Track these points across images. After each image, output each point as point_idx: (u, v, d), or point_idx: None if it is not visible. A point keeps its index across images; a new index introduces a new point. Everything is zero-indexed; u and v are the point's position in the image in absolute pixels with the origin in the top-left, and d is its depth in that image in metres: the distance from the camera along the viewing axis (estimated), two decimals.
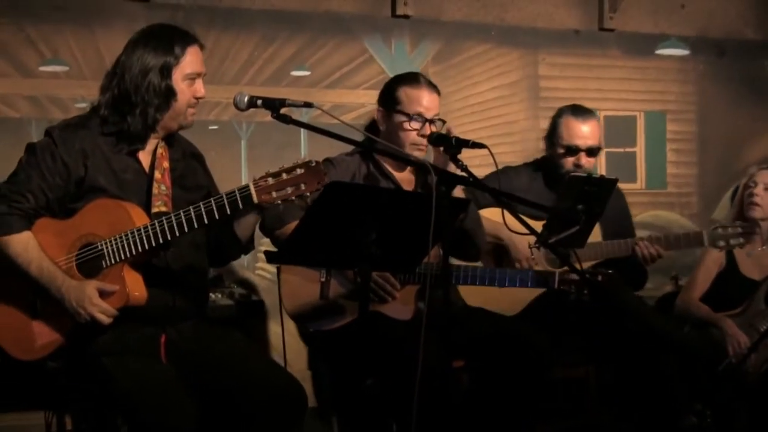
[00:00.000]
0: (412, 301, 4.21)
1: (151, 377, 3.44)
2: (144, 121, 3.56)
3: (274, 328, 5.20)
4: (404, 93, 4.35)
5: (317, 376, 4.45)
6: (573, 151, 4.82)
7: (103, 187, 3.55)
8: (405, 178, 4.38)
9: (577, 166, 4.82)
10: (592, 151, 4.85)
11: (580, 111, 4.90)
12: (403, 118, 4.30)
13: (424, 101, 4.31)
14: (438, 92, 4.39)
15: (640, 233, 5.09)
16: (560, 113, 4.92)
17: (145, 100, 3.54)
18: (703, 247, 4.99)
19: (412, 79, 4.41)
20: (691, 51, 7.10)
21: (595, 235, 4.69)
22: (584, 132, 4.84)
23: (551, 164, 4.90)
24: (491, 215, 4.66)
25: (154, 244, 3.41)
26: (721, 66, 7.17)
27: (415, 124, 4.29)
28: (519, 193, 4.34)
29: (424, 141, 4.25)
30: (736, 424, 4.89)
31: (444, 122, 4.32)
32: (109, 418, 3.62)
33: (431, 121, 4.30)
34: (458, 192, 4.15)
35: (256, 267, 5.81)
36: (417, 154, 4.25)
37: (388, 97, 4.39)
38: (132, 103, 3.54)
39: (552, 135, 4.89)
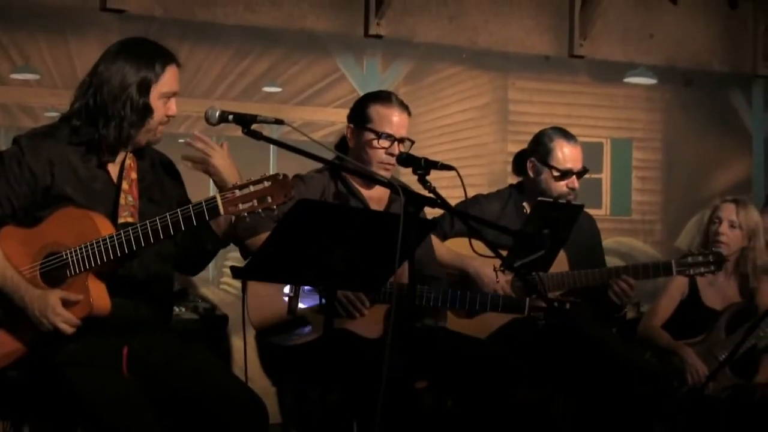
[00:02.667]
0: (380, 319, 4.22)
1: (112, 389, 3.40)
2: (118, 135, 3.55)
3: (237, 343, 5.18)
4: (375, 111, 4.37)
5: (281, 393, 4.44)
6: (568, 174, 4.85)
7: (69, 197, 3.53)
8: (374, 197, 4.39)
9: (572, 189, 4.85)
10: (581, 174, 4.89)
11: (568, 134, 4.92)
12: (372, 135, 4.32)
13: (395, 120, 4.32)
14: (408, 112, 4.40)
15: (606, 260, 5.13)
16: (550, 137, 4.90)
17: (121, 115, 3.52)
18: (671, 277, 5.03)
19: (383, 97, 4.43)
20: (659, 80, 7.18)
21: (562, 260, 4.72)
22: (576, 155, 4.87)
23: (536, 189, 4.90)
24: (457, 246, 4.67)
25: (119, 254, 3.39)
26: (688, 95, 7.26)
27: (384, 143, 4.30)
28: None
29: (392, 160, 4.26)
30: None
31: (413, 142, 4.33)
32: (69, 429, 3.59)
33: (400, 140, 4.31)
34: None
35: (221, 282, 5.80)
36: (383, 173, 4.25)
37: (359, 114, 4.40)
38: (107, 116, 3.53)
39: (543, 159, 4.87)
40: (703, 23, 7.31)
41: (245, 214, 3.32)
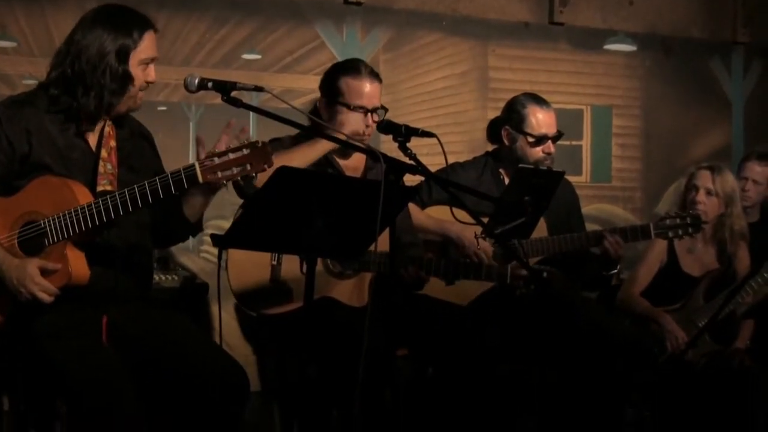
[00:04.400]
0: (364, 288, 4.22)
1: (91, 359, 3.40)
2: (98, 104, 3.53)
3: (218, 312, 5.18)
4: (345, 84, 4.35)
5: (261, 361, 4.44)
6: (543, 140, 4.85)
7: (47, 165, 3.52)
8: (350, 166, 4.38)
9: (548, 154, 4.86)
10: (557, 138, 4.90)
11: (541, 100, 4.94)
12: (344, 109, 4.31)
13: (366, 91, 4.32)
14: (379, 80, 4.39)
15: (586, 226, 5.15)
16: (523, 103, 4.92)
17: (101, 83, 3.50)
18: (648, 240, 5.04)
19: (353, 68, 4.41)
20: (639, 47, 7.17)
21: (541, 227, 4.73)
22: (550, 120, 4.89)
23: (512, 156, 4.91)
24: (438, 213, 4.67)
25: (97, 223, 3.38)
26: (668, 63, 7.24)
27: (357, 116, 4.30)
28: None
29: (368, 131, 4.26)
30: (675, 417, 4.95)
31: (386, 110, 4.32)
32: (47, 400, 3.58)
33: (372, 111, 4.30)
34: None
35: (201, 250, 5.79)
36: (365, 142, 4.24)
37: (330, 87, 4.39)
38: (86, 85, 3.51)
39: (517, 126, 4.88)
40: None
41: (224, 182, 3.31)
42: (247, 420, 3.63)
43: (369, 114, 4.29)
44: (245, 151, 3.28)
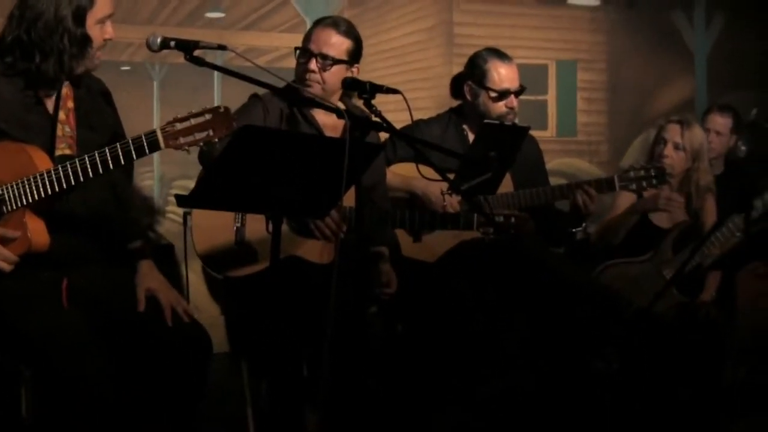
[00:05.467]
0: (331, 245, 4.21)
1: (52, 322, 3.38)
2: (59, 68, 3.48)
3: (184, 273, 5.18)
4: (308, 30, 4.39)
5: (229, 321, 4.44)
6: (505, 94, 4.85)
7: (4, 131, 3.46)
8: (329, 123, 4.36)
9: (511, 108, 4.86)
10: (519, 93, 4.89)
11: (503, 54, 4.92)
12: (297, 53, 4.32)
13: (312, 35, 4.32)
14: (335, 28, 4.34)
15: (551, 180, 5.16)
16: (485, 58, 4.90)
17: (60, 48, 3.45)
18: (614, 193, 5.06)
19: (319, 20, 4.42)
20: (603, 1, 7.18)
21: (506, 182, 4.74)
22: (512, 74, 4.87)
23: (475, 112, 4.91)
24: (404, 171, 4.67)
25: (57, 190, 3.34)
26: (631, 16, 7.25)
27: (302, 58, 4.30)
28: None
29: (311, 76, 4.24)
30: (643, 369, 4.99)
31: (325, 57, 4.29)
32: (11, 364, 3.56)
33: (317, 55, 4.28)
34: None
35: (167, 211, 5.77)
36: (311, 90, 4.23)
37: None
38: (44, 51, 3.45)
39: (479, 81, 4.88)
40: None
41: (186, 147, 3.29)
42: (215, 381, 3.64)
43: (313, 58, 4.28)
44: (207, 117, 3.26)
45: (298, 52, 4.33)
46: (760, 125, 6.41)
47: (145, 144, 3.29)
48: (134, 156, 3.31)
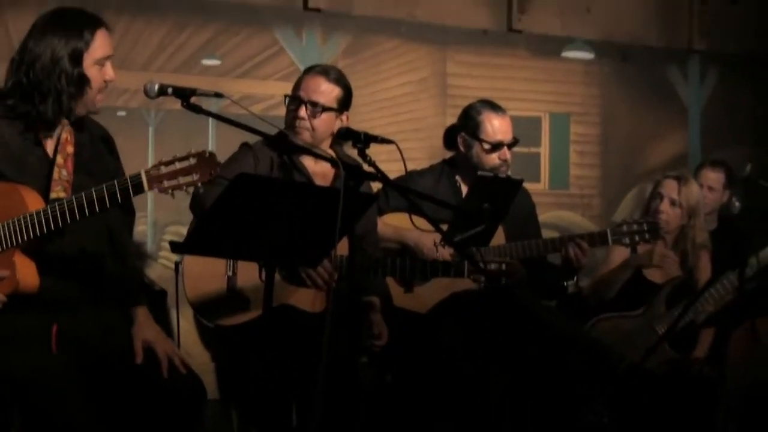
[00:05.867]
0: (323, 294, 4.21)
1: (40, 366, 3.35)
2: (58, 109, 3.48)
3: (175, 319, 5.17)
4: (298, 78, 4.40)
5: (220, 369, 4.43)
6: (499, 146, 4.86)
7: (1, 172, 3.46)
8: (318, 171, 4.37)
9: (504, 160, 4.87)
10: (512, 145, 4.91)
11: (497, 106, 4.94)
12: (287, 100, 4.34)
13: (302, 83, 4.34)
14: (325, 76, 4.35)
15: (544, 233, 5.17)
16: (478, 110, 4.92)
17: (57, 88, 3.46)
18: (607, 246, 5.06)
19: (308, 68, 4.45)
20: (597, 54, 7.23)
21: (498, 234, 4.74)
22: (506, 127, 4.89)
23: (468, 163, 4.92)
24: (396, 221, 4.68)
25: (45, 231, 3.33)
26: (625, 70, 7.31)
27: (292, 106, 4.32)
28: None
29: (300, 123, 4.26)
30: (634, 424, 4.97)
31: (314, 105, 4.30)
32: (2, 410, 3.53)
33: (307, 103, 4.30)
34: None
35: (160, 256, 5.76)
36: (301, 137, 4.25)
37: None
38: (43, 92, 3.47)
39: (473, 133, 4.89)
40: None
41: (171, 191, 3.29)
42: (205, 428, 3.62)
43: (303, 105, 4.30)
44: (192, 161, 3.24)
45: (288, 99, 4.35)
46: (754, 181, 6.43)
47: (130, 186, 3.28)
48: (119, 198, 3.30)
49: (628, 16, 7.29)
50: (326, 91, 4.32)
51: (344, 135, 4.01)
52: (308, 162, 4.35)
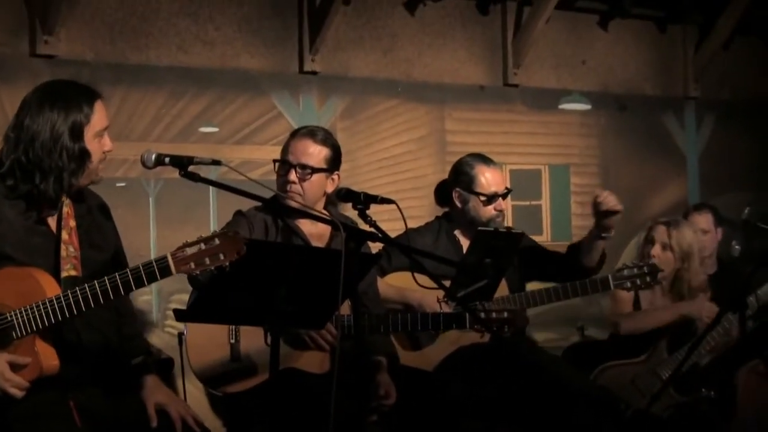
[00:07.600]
0: (326, 354, 4.20)
1: None
2: (59, 187, 3.45)
3: (187, 387, 5.15)
4: (286, 142, 4.42)
5: None
6: (494, 198, 4.90)
7: (9, 255, 3.42)
8: (314, 233, 4.38)
9: (499, 211, 4.90)
10: (506, 195, 4.95)
11: (487, 159, 5.00)
12: (277, 165, 4.35)
13: (290, 147, 4.35)
14: (311, 137, 4.37)
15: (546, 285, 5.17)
16: (471, 164, 4.97)
17: (59, 166, 3.42)
18: (610, 291, 5.07)
19: (295, 131, 4.47)
20: (593, 106, 7.26)
21: (501, 285, 4.74)
22: (498, 178, 4.95)
23: (465, 217, 4.94)
24: (399, 281, 4.69)
25: (67, 316, 3.30)
26: (622, 120, 7.35)
27: (282, 170, 4.34)
28: None
29: (291, 187, 4.27)
30: None
31: (304, 168, 4.31)
32: None
33: (293, 166, 4.32)
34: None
35: (165, 324, 5.76)
36: (294, 199, 4.25)
37: None
38: (44, 170, 3.42)
39: (468, 187, 4.93)
40: (634, 48, 7.42)
41: (197, 272, 3.27)
42: None
43: (292, 169, 4.31)
44: (217, 241, 3.22)
45: (277, 164, 4.36)
46: (753, 224, 6.45)
47: (156, 270, 3.26)
48: (145, 282, 3.28)
49: (622, 66, 7.35)
50: (314, 153, 4.33)
51: (344, 196, 4.02)
52: (304, 224, 4.36)
